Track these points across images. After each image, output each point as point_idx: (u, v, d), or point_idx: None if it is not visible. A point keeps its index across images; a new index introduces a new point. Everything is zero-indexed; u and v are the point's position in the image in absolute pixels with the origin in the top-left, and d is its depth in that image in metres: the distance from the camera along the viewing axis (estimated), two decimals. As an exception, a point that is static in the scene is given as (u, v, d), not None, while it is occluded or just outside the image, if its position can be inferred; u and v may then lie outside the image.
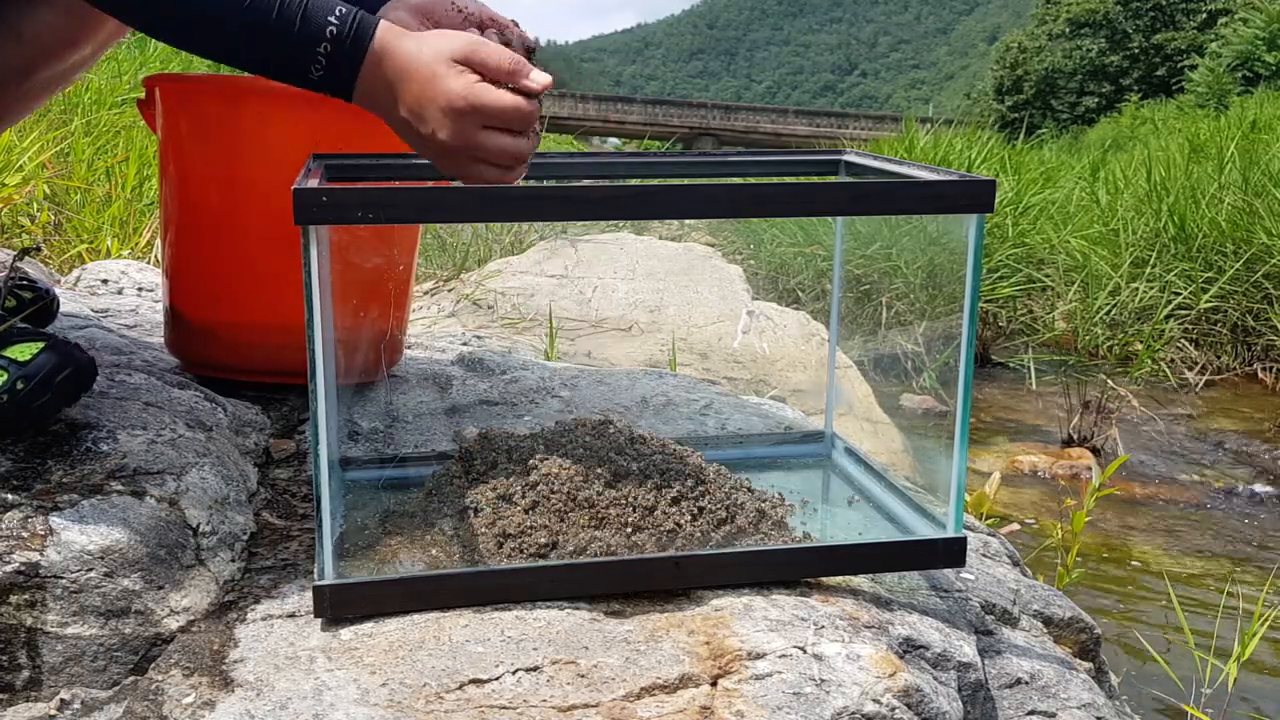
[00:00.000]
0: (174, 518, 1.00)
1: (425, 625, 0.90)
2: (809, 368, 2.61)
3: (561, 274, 3.06)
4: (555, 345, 2.29)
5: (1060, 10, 36.86)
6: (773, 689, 0.83)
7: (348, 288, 1.19)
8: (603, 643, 0.88)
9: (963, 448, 0.99)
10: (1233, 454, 3.86)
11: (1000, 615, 1.11)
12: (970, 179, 0.94)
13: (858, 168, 1.17)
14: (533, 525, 0.98)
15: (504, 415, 1.40)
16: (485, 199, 0.90)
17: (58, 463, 1.02)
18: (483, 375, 1.56)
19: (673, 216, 0.92)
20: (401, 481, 1.14)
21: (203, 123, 1.30)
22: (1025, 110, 31.48)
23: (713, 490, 1.03)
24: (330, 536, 0.91)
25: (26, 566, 0.90)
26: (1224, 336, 5.10)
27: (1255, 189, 5.53)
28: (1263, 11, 20.97)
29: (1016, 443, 3.85)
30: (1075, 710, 1.01)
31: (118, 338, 1.46)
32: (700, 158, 1.21)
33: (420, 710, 0.80)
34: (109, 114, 3.81)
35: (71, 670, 0.89)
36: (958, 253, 0.95)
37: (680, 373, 1.70)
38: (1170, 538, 3.02)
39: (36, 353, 1.03)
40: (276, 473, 1.23)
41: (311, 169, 1.00)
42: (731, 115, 37.34)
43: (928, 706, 0.86)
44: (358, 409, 1.39)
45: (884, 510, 1.12)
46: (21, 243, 2.60)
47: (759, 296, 3.47)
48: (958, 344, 0.98)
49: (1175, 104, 19.64)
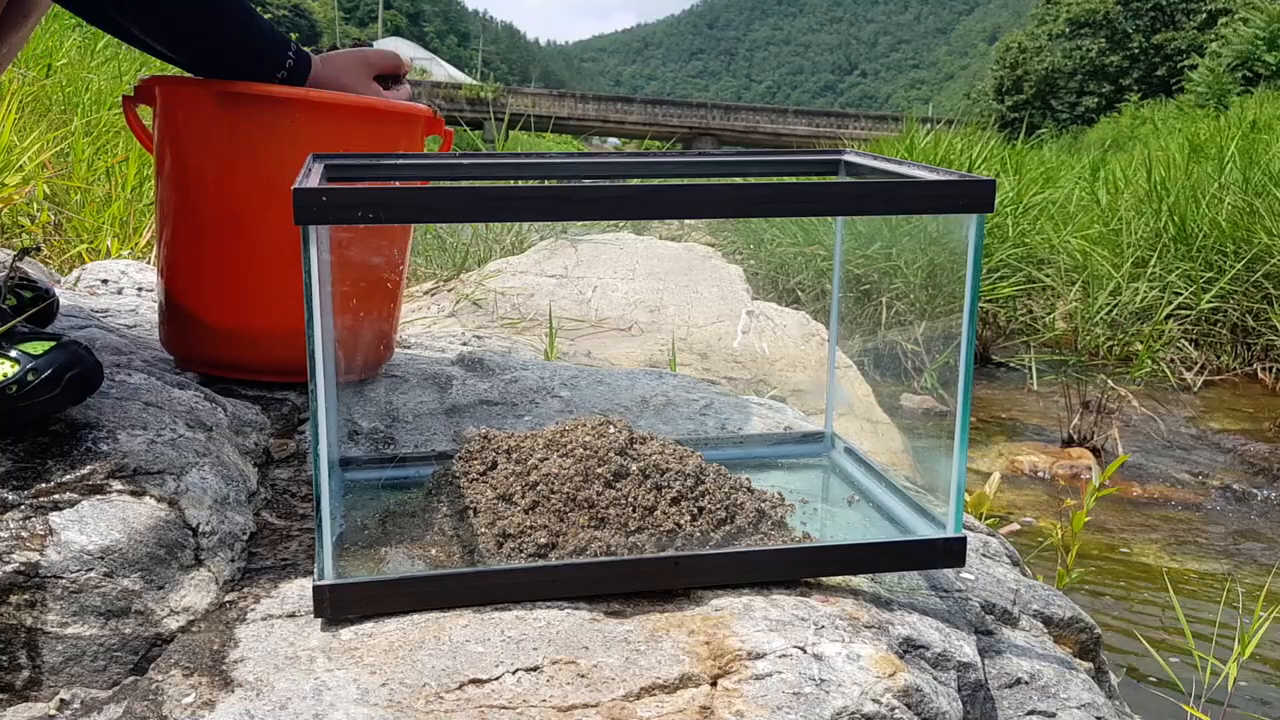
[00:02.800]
0: (174, 518, 1.00)
1: (425, 625, 0.90)
2: (809, 368, 2.61)
3: (561, 274, 3.06)
4: (555, 345, 2.29)
5: (1060, 10, 36.85)
6: (773, 689, 0.83)
7: (340, 284, 1.19)
8: (603, 643, 0.88)
9: (963, 448, 0.99)
10: (1233, 454, 3.86)
11: (1000, 615, 1.11)
12: (970, 179, 0.94)
13: (858, 168, 1.17)
14: (533, 525, 0.98)
15: (504, 415, 1.40)
16: (485, 199, 0.90)
17: (58, 463, 1.02)
18: (483, 375, 1.56)
19: (673, 216, 0.92)
20: (401, 481, 1.14)
21: (200, 122, 1.30)
22: (1025, 110, 31.46)
23: (713, 490, 1.03)
24: (330, 536, 0.91)
25: (26, 566, 0.90)
26: (1224, 336, 5.10)
27: (1255, 189, 5.53)
28: (1263, 11, 20.96)
29: (1016, 443, 3.85)
30: (1075, 710, 1.01)
31: (118, 338, 1.46)
32: (700, 158, 1.21)
33: (420, 710, 0.80)
34: (109, 114, 3.81)
35: (71, 670, 0.89)
36: (958, 253, 0.95)
37: (680, 373, 1.70)
38: (1170, 538, 3.02)
39: (48, 349, 1.03)
40: (276, 473, 1.23)
41: (311, 168, 1.00)
42: (731, 115, 37.35)
43: (928, 706, 0.86)
44: (358, 409, 1.39)
45: (884, 510, 1.12)
46: (21, 243, 2.60)
47: (759, 296, 3.47)
48: (958, 344, 0.97)
49: (1175, 104, 19.64)
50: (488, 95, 31.34)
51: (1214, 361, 5.02)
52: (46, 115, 3.49)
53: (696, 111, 37.55)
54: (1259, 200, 5.40)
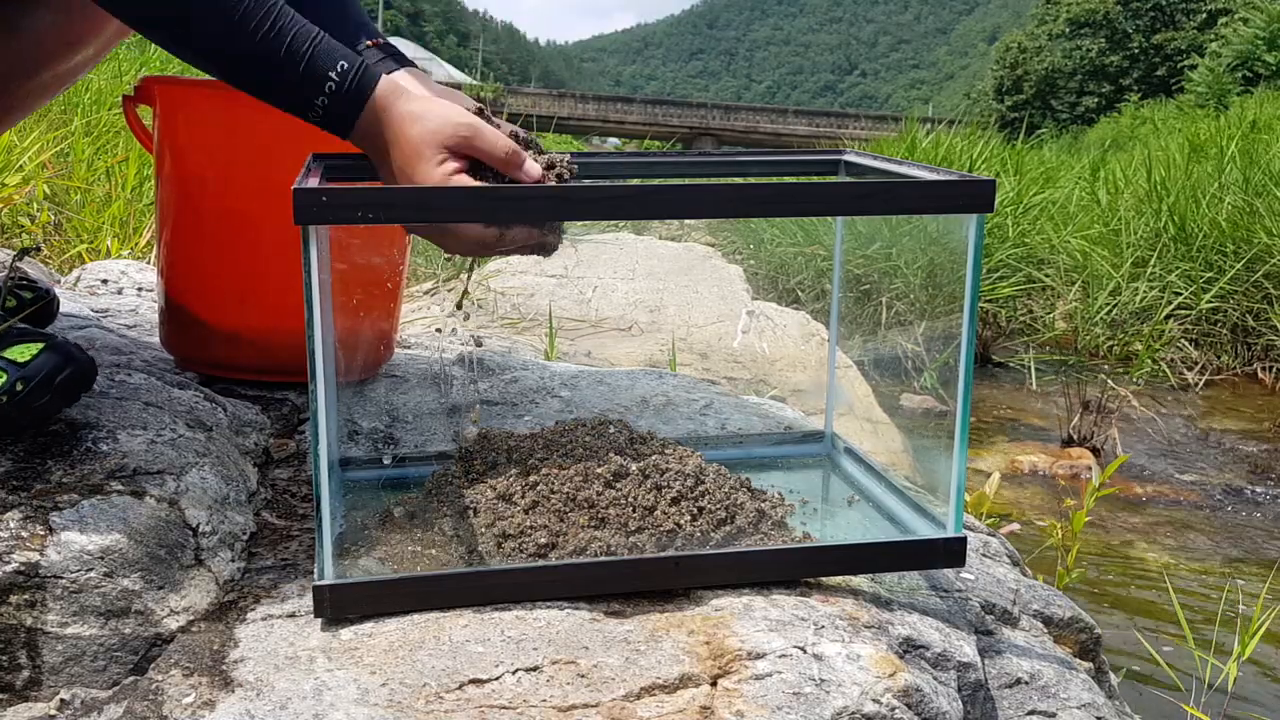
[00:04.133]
0: (174, 518, 1.00)
1: (425, 625, 0.90)
2: (809, 368, 2.61)
3: (561, 274, 3.06)
4: (555, 345, 2.29)
5: (1060, 10, 36.86)
6: (773, 689, 0.83)
7: (340, 284, 1.19)
8: (603, 643, 0.88)
9: (963, 448, 0.99)
10: (1233, 454, 3.86)
11: (1000, 615, 1.11)
12: (970, 179, 0.94)
13: (858, 168, 1.17)
14: (532, 525, 0.98)
15: (504, 415, 1.40)
16: (485, 199, 0.90)
17: (58, 463, 1.02)
18: (483, 375, 1.56)
19: (673, 216, 0.92)
20: (401, 481, 1.14)
21: (200, 123, 1.30)
22: (1025, 110, 31.47)
23: (713, 490, 1.03)
24: (330, 536, 0.91)
25: (26, 566, 0.90)
26: (1224, 336, 5.10)
27: (1255, 189, 5.53)
28: (1263, 11, 20.97)
29: (1016, 443, 3.85)
30: (1075, 710, 1.01)
31: (117, 338, 1.46)
32: (700, 158, 1.21)
33: (420, 710, 0.80)
34: (109, 114, 3.81)
35: (71, 670, 0.89)
36: (958, 253, 0.95)
37: (680, 373, 1.70)
38: (1170, 538, 3.02)
39: (36, 353, 1.03)
40: (276, 473, 1.23)
41: (311, 169, 1.00)
42: (731, 115, 37.36)
43: (928, 706, 0.86)
44: (358, 409, 1.39)
45: (884, 510, 1.11)
46: (21, 243, 2.60)
47: (759, 296, 3.48)
48: (958, 344, 0.97)
49: (1175, 104, 19.64)
50: (487, 95, 31.32)
51: (1214, 361, 5.01)
52: (46, 115, 3.49)
53: (696, 111, 37.57)
54: (1259, 200, 5.40)
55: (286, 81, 0.92)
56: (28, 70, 1.15)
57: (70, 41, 1.15)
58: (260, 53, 0.91)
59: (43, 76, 1.17)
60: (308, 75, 0.92)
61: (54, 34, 1.13)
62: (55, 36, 1.14)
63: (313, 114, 0.94)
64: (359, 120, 0.95)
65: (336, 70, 0.93)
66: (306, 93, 0.93)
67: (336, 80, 0.93)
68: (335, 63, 0.93)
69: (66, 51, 1.16)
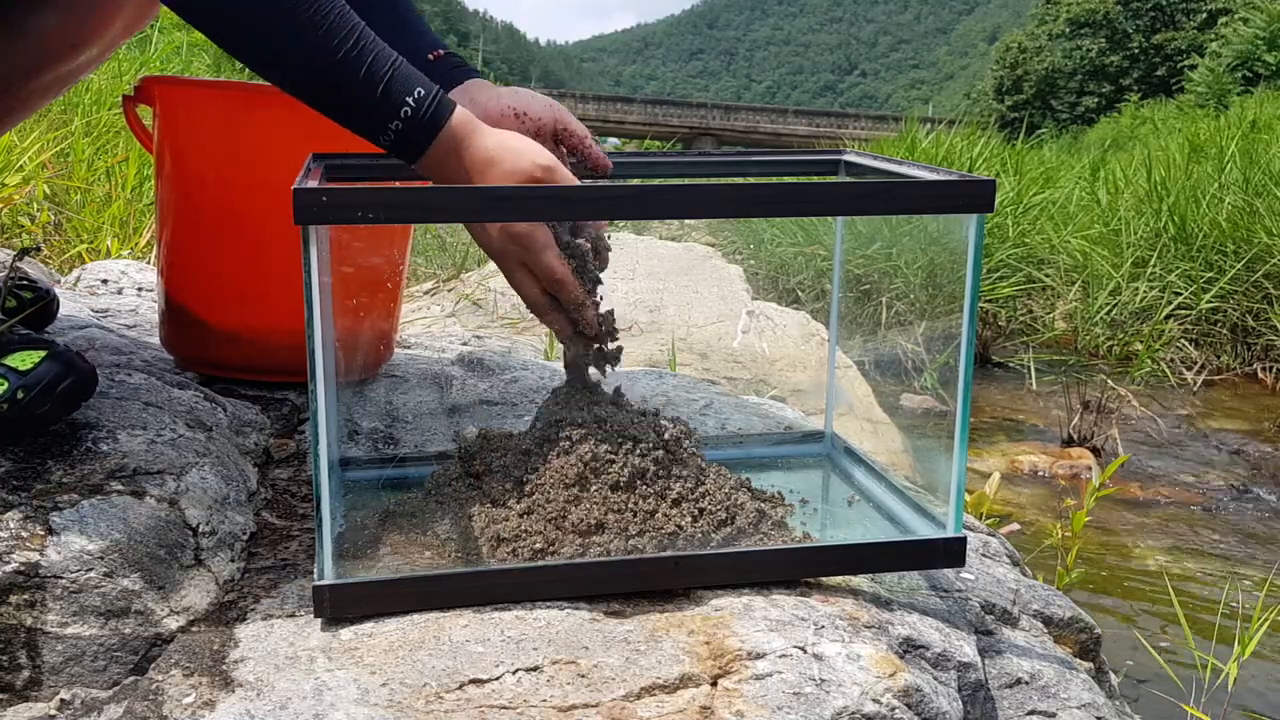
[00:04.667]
0: (174, 518, 1.00)
1: (425, 625, 0.90)
2: (809, 368, 2.61)
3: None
4: (555, 345, 2.29)
5: (1060, 10, 36.88)
6: (773, 689, 0.83)
7: (340, 284, 1.19)
8: (603, 643, 0.88)
9: (963, 448, 0.99)
10: (1233, 454, 3.86)
11: (1000, 615, 1.11)
12: (970, 179, 0.94)
13: (858, 168, 1.17)
14: (532, 527, 0.98)
15: (504, 415, 1.40)
16: (485, 199, 0.90)
17: (58, 463, 1.02)
18: (483, 375, 1.56)
19: (673, 216, 0.92)
20: (401, 481, 1.14)
21: (200, 123, 1.30)
22: (1025, 110, 31.47)
23: (713, 491, 1.03)
24: (330, 536, 0.91)
25: (26, 566, 0.90)
26: (1224, 336, 5.10)
27: (1256, 189, 5.53)
28: (1263, 11, 20.97)
29: (1016, 443, 3.85)
30: (1075, 710, 1.01)
31: (118, 338, 1.46)
32: (700, 158, 1.21)
33: (420, 710, 0.80)
34: (109, 114, 3.81)
35: (71, 670, 0.89)
36: (958, 253, 0.95)
37: (680, 373, 1.70)
38: (1170, 538, 3.02)
39: (38, 361, 1.02)
40: (276, 473, 1.23)
41: (311, 169, 1.00)
42: (731, 115, 37.35)
43: (928, 706, 0.86)
44: (358, 409, 1.39)
45: (884, 510, 1.11)
46: (21, 243, 2.60)
47: (759, 296, 3.47)
48: (958, 344, 0.97)
49: (1175, 104, 19.64)
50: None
51: (1214, 361, 5.01)
52: (46, 115, 3.49)
53: (696, 111, 37.55)
54: (1259, 200, 5.40)
55: (361, 103, 0.92)
56: (32, 70, 1.15)
57: (75, 42, 1.15)
58: (340, 72, 0.90)
59: (46, 77, 1.17)
60: (384, 99, 0.91)
61: (59, 35, 1.13)
62: (60, 37, 1.14)
63: (384, 138, 0.94)
64: (429, 150, 0.94)
65: (413, 96, 0.92)
66: (379, 116, 0.92)
67: (412, 107, 0.92)
68: (412, 88, 0.92)
69: (71, 52, 1.16)
